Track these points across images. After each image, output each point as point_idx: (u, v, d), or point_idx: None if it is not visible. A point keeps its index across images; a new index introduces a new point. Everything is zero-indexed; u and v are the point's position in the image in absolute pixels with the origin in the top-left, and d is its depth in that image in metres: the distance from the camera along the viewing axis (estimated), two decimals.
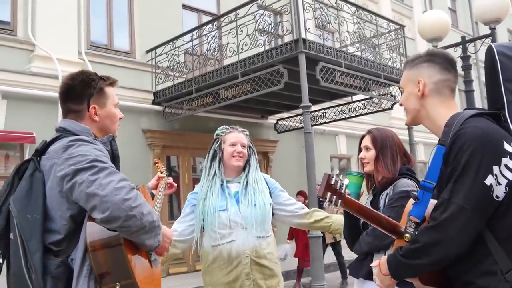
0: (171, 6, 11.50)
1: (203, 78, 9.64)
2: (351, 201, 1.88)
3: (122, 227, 1.80)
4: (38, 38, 9.14)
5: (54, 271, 1.83)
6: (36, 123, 8.72)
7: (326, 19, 8.88)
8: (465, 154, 1.65)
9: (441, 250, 1.65)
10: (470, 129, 1.69)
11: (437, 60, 1.92)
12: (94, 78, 2.13)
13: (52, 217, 1.88)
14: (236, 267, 2.87)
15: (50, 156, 1.94)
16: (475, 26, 21.64)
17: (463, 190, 1.64)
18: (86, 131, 2.04)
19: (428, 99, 1.90)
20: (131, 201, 1.80)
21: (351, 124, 14.43)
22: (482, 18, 7.03)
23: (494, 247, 1.64)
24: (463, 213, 1.62)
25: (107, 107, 2.14)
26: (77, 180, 1.80)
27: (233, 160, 3.05)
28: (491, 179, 1.63)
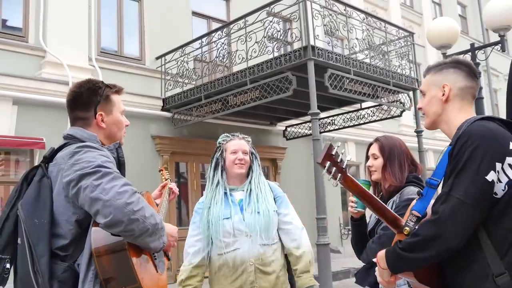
0: (181, 13, 11.57)
1: (212, 85, 9.67)
2: (352, 179, 1.88)
3: (125, 231, 1.82)
4: (49, 45, 9.22)
5: (61, 275, 1.85)
6: (46, 129, 8.78)
7: (335, 26, 8.89)
8: (468, 149, 1.67)
9: (440, 243, 1.66)
10: (475, 127, 1.72)
11: (463, 67, 1.96)
12: (101, 86, 2.17)
13: (59, 222, 1.90)
14: (241, 275, 2.86)
15: (58, 162, 1.98)
16: (486, 33, 21.55)
17: (463, 185, 1.65)
18: (94, 138, 2.08)
19: (450, 104, 1.93)
20: (133, 205, 1.82)
21: (360, 131, 14.39)
22: (492, 25, 7.01)
23: (488, 249, 1.65)
24: (463, 207, 1.64)
25: (114, 114, 2.18)
26: (82, 185, 1.84)
27: (235, 168, 3.05)
28: (493, 175, 1.64)
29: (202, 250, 2.98)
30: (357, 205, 2.74)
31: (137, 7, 11.07)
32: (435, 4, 21.45)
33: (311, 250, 3.10)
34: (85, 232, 1.90)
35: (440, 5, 21.63)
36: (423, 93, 2.02)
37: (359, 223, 2.85)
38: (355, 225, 2.85)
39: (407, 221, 1.83)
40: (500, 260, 1.63)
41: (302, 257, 3.01)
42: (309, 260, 3.02)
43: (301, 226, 3.12)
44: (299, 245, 3.03)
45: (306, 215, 10.61)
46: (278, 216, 3.05)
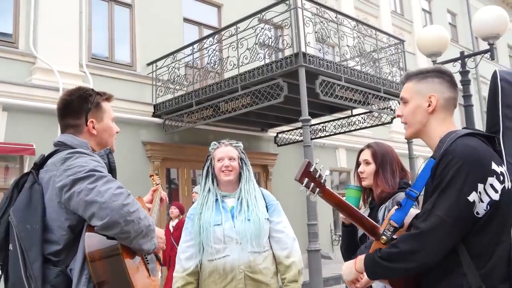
0: (172, 19, 11.57)
1: (203, 91, 9.68)
2: (330, 192, 1.94)
3: (121, 232, 1.83)
4: (39, 51, 9.18)
5: (54, 280, 1.85)
6: (36, 135, 8.73)
7: (326, 33, 8.93)
8: (452, 169, 1.69)
9: (418, 258, 1.70)
10: (460, 146, 1.73)
11: (446, 77, 1.96)
12: (91, 93, 2.18)
13: (51, 228, 1.91)
14: (230, 282, 2.86)
15: (49, 169, 1.98)
16: (475, 41, 21.74)
17: (446, 203, 1.68)
18: (84, 145, 2.09)
19: (435, 115, 1.92)
20: (129, 206, 1.84)
21: (351, 138, 14.45)
22: (481, 34, 7.07)
23: (466, 261, 1.69)
24: (444, 225, 1.67)
25: (104, 121, 2.20)
26: (75, 190, 1.84)
27: (222, 175, 3.06)
28: (475, 195, 1.67)
29: (194, 256, 2.98)
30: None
31: (128, 13, 11.06)
32: (426, 12, 21.62)
33: (301, 260, 3.10)
34: (77, 237, 1.91)
35: (431, 13, 21.81)
36: (404, 101, 1.99)
37: (351, 229, 2.85)
38: (347, 231, 2.86)
39: (385, 230, 1.86)
40: (477, 273, 1.67)
41: (291, 267, 3.01)
42: (298, 270, 3.03)
43: (293, 236, 3.12)
44: (289, 254, 3.03)
45: (297, 221, 10.61)
46: (270, 224, 3.05)
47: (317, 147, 13.52)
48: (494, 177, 1.70)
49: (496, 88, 1.86)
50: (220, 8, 12.87)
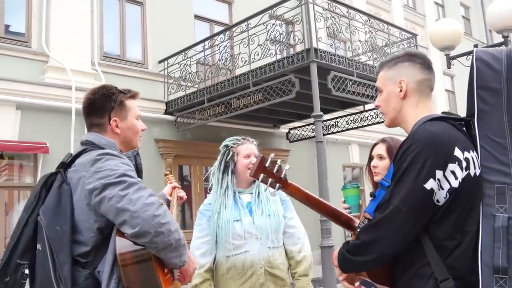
0: (183, 17, 11.58)
1: (215, 88, 9.68)
2: (295, 186, 1.92)
3: (150, 242, 1.83)
4: (52, 49, 9.24)
5: (83, 282, 1.85)
6: (49, 134, 8.80)
7: (337, 28, 8.87)
8: (409, 156, 1.65)
9: (377, 248, 1.67)
10: (420, 131, 1.68)
11: (417, 60, 1.90)
12: (114, 91, 2.17)
13: (80, 229, 1.90)
14: (250, 278, 2.87)
15: (78, 169, 1.97)
16: (489, 34, 21.50)
17: (401, 192, 1.64)
18: (112, 145, 2.09)
19: (408, 99, 1.87)
20: (161, 218, 1.83)
21: (363, 133, 14.37)
22: (495, 27, 6.97)
23: (429, 251, 1.65)
24: (399, 214, 1.63)
25: (128, 119, 2.18)
26: (106, 195, 1.84)
27: (248, 172, 3.02)
28: (432, 183, 1.61)
29: (209, 252, 2.98)
30: (351, 210, 2.73)
31: (140, 11, 11.08)
32: (438, 6, 21.41)
33: (311, 255, 3.13)
34: (106, 239, 1.91)
35: (443, 7, 21.59)
36: (379, 90, 1.97)
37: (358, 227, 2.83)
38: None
39: (360, 223, 1.84)
40: (443, 264, 1.62)
41: (303, 261, 3.04)
42: (308, 264, 3.06)
43: (303, 231, 3.15)
44: (301, 249, 3.06)
45: (310, 218, 10.56)
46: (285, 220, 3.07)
47: (329, 142, 13.46)
48: (455, 164, 1.63)
49: (472, 68, 1.75)
50: (231, 4, 12.86)
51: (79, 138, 8.53)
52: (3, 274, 1.86)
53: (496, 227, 1.60)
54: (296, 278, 3.03)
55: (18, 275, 1.87)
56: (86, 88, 9.37)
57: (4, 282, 1.87)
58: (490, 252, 1.59)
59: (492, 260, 1.58)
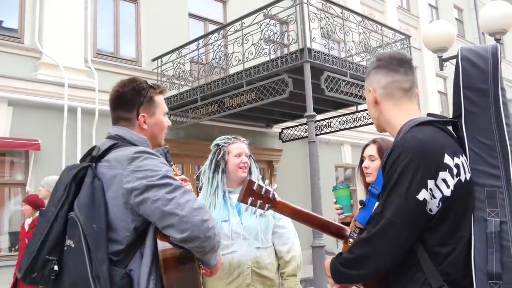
0: (178, 15, 11.56)
1: (208, 87, 9.67)
2: (284, 204, 1.90)
3: (198, 247, 1.83)
4: (45, 46, 9.21)
5: (119, 282, 1.81)
6: (41, 131, 8.77)
7: (331, 28, 8.89)
8: (399, 167, 1.59)
9: (372, 263, 1.63)
10: (408, 140, 1.62)
11: (383, 63, 1.84)
12: (145, 86, 2.12)
13: (115, 227, 1.87)
14: (237, 278, 2.86)
15: (112, 165, 1.92)
16: (482, 37, 21.62)
17: (393, 205, 1.59)
18: (144, 141, 2.05)
19: (381, 105, 1.83)
20: (209, 222, 1.83)
21: (356, 134, 14.40)
22: (488, 29, 7.02)
23: (423, 258, 1.61)
24: (393, 227, 1.58)
25: (156, 115, 2.13)
26: (150, 196, 1.81)
27: (240, 172, 3.02)
28: (425, 193, 1.56)
29: None
30: (343, 210, 2.74)
31: (134, 8, 11.05)
32: (432, 8, 21.49)
33: (301, 255, 3.12)
34: (139, 238, 1.89)
35: (437, 9, 21.67)
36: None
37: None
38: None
39: (351, 232, 1.80)
40: (435, 270, 1.59)
41: (291, 261, 3.03)
42: (297, 265, 3.05)
43: (294, 231, 3.14)
44: (290, 249, 3.06)
45: None
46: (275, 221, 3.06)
47: (322, 143, 13.49)
48: (446, 171, 1.59)
49: (457, 68, 1.69)
50: (225, 3, 12.85)
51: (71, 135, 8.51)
52: (30, 269, 1.82)
53: (488, 232, 1.57)
54: (284, 278, 3.03)
55: (46, 270, 1.82)
56: (79, 85, 9.42)
57: (31, 277, 1.83)
58: (483, 258, 1.56)
59: (486, 266, 1.55)
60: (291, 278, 3.01)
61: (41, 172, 8.75)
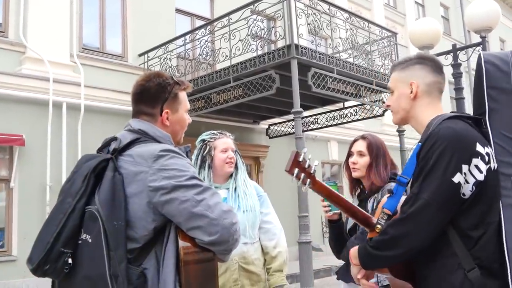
0: (164, 10, 11.49)
1: (195, 82, 9.63)
2: (321, 184, 1.93)
3: (225, 250, 1.82)
4: (29, 40, 9.09)
5: (136, 281, 1.77)
6: (26, 126, 8.67)
7: (319, 25, 8.90)
8: (436, 152, 1.72)
9: (407, 242, 1.72)
10: (443, 129, 1.76)
11: (428, 62, 1.99)
12: (170, 82, 2.07)
13: (134, 226, 1.81)
14: (224, 273, 2.85)
15: (136, 161, 1.86)
16: (468, 35, 21.77)
17: (430, 186, 1.70)
18: (167, 138, 2.01)
19: (418, 100, 1.96)
20: (237, 225, 1.82)
21: (342, 130, 14.46)
22: (473, 27, 7.08)
23: (455, 242, 1.72)
24: (429, 208, 1.69)
25: (179, 112, 2.09)
26: (178, 197, 1.78)
27: (226, 167, 3.00)
28: (459, 177, 1.69)
29: None
30: (331, 208, 2.75)
31: (120, 3, 10.96)
32: (418, 5, 21.61)
33: (287, 251, 3.13)
34: (155, 236, 1.85)
35: (423, 6, 21.80)
36: (391, 91, 2.06)
37: (337, 224, 2.84)
38: (333, 227, 2.86)
39: (379, 219, 1.87)
40: (468, 253, 1.69)
41: (278, 257, 3.04)
42: (283, 260, 3.05)
43: (280, 227, 3.14)
44: (276, 245, 3.06)
45: (288, 213, 10.62)
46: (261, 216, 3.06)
47: (309, 139, 13.51)
48: (478, 158, 1.72)
49: (480, 70, 1.87)
50: None
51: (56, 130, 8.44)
52: (44, 261, 1.75)
53: None
54: (270, 273, 3.03)
55: (60, 263, 1.76)
56: (64, 80, 9.32)
57: (44, 270, 1.76)
58: None
59: None
60: (277, 273, 3.01)
61: (25, 168, 8.67)
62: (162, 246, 1.83)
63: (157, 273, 1.81)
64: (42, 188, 8.77)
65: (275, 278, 3.00)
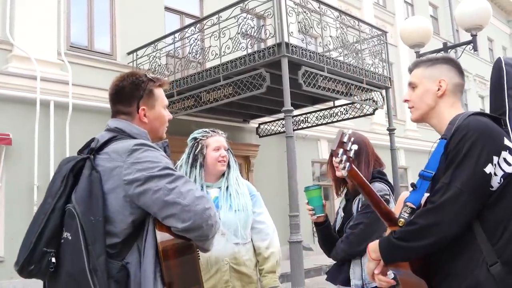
0: (153, 8, 11.40)
1: (184, 81, 9.56)
2: (356, 170, 1.88)
3: (200, 235, 1.83)
4: (16, 38, 8.97)
5: (116, 275, 1.81)
6: (13, 125, 8.56)
7: (309, 23, 8.87)
8: (467, 142, 1.74)
9: (437, 231, 1.71)
10: (473, 121, 1.79)
11: (455, 65, 2.05)
12: (144, 79, 2.10)
13: (113, 220, 1.85)
14: (215, 274, 2.80)
15: (112, 157, 1.90)
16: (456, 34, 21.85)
17: (463, 175, 1.71)
18: (144, 134, 2.04)
19: (444, 99, 2.00)
20: (211, 210, 1.83)
21: (333, 129, 14.44)
22: (464, 25, 7.08)
23: (480, 236, 1.72)
24: (461, 196, 1.69)
25: (156, 109, 2.12)
26: (151, 187, 1.81)
27: (218, 165, 2.96)
28: (491, 168, 1.71)
29: None
30: (315, 212, 2.72)
31: (109, 1, 10.85)
32: (408, 5, 21.70)
33: (280, 252, 3.08)
34: (136, 231, 1.88)
35: (413, 6, 21.90)
36: (413, 85, 2.06)
37: (324, 226, 2.81)
38: (320, 229, 2.83)
39: (401, 213, 1.85)
40: (492, 249, 1.69)
41: (270, 258, 2.99)
42: (276, 261, 3.01)
43: (273, 227, 3.09)
44: (269, 245, 3.01)
45: (278, 213, 10.59)
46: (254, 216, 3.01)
47: (299, 138, 13.48)
48: (507, 151, 1.76)
49: (501, 72, 1.93)
50: None
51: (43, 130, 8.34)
52: (27, 262, 1.80)
53: None
54: (263, 274, 2.98)
55: (44, 263, 1.80)
56: (52, 78, 9.21)
57: (29, 270, 1.81)
58: None
59: None
60: (269, 275, 2.97)
61: (12, 167, 8.56)
62: (143, 239, 1.87)
63: (140, 266, 1.84)
64: (29, 188, 8.66)
65: (268, 280, 2.96)
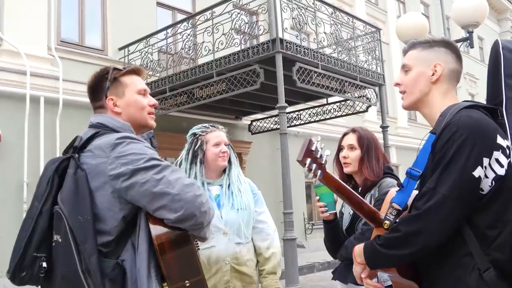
0: (145, 3, 11.28)
1: (177, 77, 9.46)
2: (330, 175, 1.78)
3: (195, 224, 1.78)
4: (6, 32, 8.83)
5: (111, 273, 1.76)
6: (2, 121, 8.43)
7: (303, 19, 8.80)
8: (456, 143, 1.58)
9: (421, 240, 1.59)
10: (463, 118, 1.62)
11: (453, 49, 1.85)
12: (108, 70, 2.07)
13: (103, 218, 1.80)
14: (215, 274, 2.72)
15: (95, 154, 1.84)
16: (447, 32, 21.96)
17: (449, 181, 1.57)
18: (127, 127, 1.97)
19: (438, 85, 1.81)
20: (202, 197, 1.78)
21: (325, 126, 14.41)
22: (460, 22, 7.05)
23: (470, 241, 1.59)
24: (447, 203, 1.56)
25: (127, 95, 2.05)
26: (138, 180, 1.76)
27: (219, 161, 2.86)
28: (480, 171, 1.57)
29: None
30: (328, 208, 2.64)
31: None
32: (399, 2, 21.74)
33: (280, 252, 3.01)
34: (128, 227, 1.82)
35: (404, 4, 21.94)
36: (406, 68, 1.87)
37: (333, 224, 2.73)
38: (329, 227, 2.74)
39: (387, 214, 1.74)
40: (484, 254, 1.57)
41: (271, 258, 2.91)
42: (277, 262, 2.93)
43: (274, 227, 3.01)
44: (270, 246, 2.93)
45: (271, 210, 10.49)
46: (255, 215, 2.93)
47: (291, 135, 13.42)
48: (499, 151, 1.60)
49: (498, 57, 1.73)
50: None
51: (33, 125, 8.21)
52: (18, 269, 1.76)
53: None
54: (263, 275, 2.90)
55: (35, 268, 1.76)
56: (42, 73, 9.07)
57: (21, 277, 1.77)
58: None
59: None
60: (270, 276, 2.88)
61: (1, 164, 8.42)
62: (136, 235, 1.82)
63: (135, 263, 1.79)
64: (19, 185, 8.53)
65: (269, 281, 2.87)
